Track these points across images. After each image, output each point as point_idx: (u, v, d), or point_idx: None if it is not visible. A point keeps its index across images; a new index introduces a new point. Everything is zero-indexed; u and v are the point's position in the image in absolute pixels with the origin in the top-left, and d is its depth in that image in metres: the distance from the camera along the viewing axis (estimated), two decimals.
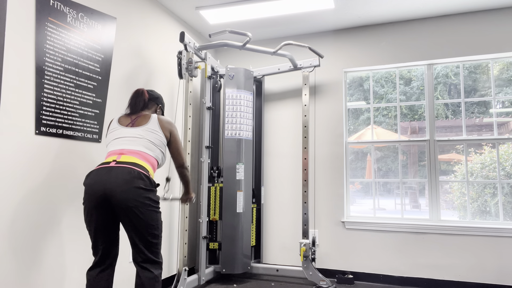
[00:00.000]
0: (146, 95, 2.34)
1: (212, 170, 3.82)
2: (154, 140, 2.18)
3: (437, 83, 3.73)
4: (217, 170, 3.84)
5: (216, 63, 3.84)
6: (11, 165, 2.03)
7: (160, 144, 2.21)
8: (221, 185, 3.71)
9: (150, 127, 2.20)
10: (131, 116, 2.26)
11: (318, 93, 4.00)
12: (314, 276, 3.38)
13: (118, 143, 2.13)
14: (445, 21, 3.63)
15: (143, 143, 2.14)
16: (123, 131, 2.17)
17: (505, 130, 3.52)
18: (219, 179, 3.83)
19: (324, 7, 3.44)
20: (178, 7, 3.52)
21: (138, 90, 2.33)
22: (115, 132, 2.19)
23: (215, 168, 3.84)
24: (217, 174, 3.83)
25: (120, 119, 2.26)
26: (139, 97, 2.30)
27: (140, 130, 2.17)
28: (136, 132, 2.16)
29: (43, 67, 2.20)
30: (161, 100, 2.48)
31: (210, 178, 3.81)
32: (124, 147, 2.10)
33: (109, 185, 1.93)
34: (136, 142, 2.13)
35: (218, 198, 3.71)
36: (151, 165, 2.15)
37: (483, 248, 3.32)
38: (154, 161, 2.18)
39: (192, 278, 3.24)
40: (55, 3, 2.29)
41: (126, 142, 2.12)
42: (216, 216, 3.70)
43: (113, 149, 2.12)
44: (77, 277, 2.46)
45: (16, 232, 2.05)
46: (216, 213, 3.70)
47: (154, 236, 2.02)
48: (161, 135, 2.22)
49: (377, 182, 3.86)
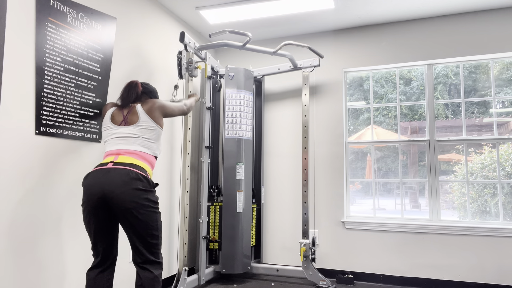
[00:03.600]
0: (140, 88, 2.28)
1: (212, 189, 3.80)
2: (151, 137, 2.16)
3: (437, 83, 3.73)
4: (216, 189, 3.82)
5: (216, 63, 3.84)
6: (11, 165, 2.03)
7: (156, 138, 2.19)
8: (220, 204, 3.70)
9: (143, 124, 2.15)
10: (122, 111, 2.21)
11: (318, 93, 4.00)
12: (314, 276, 3.38)
13: (115, 143, 2.12)
14: (445, 21, 3.63)
15: (140, 142, 2.12)
16: (118, 131, 2.15)
17: (505, 130, 3.52)
18: (219, 198, 3.81)
19: (324, 7, 3.44)
20: (178, 7, 3.52)
21: (132, 82, 2.27)
22: (110, 130, 2.17)
23: (214, 187, 3.82)
24: (217, 193, 3.82)
25: (113, 115, 2.21)
26: (132, 89, 2.24)
27: (135, 129, 2.14)
28: (131, 131, 2.13)
29: (43, 67, 2.20)
30: (155, 94, 2.44)
31: (210, 197, 3.79)
32: (121, 147, 2.09)
33: (108, 186, 1.93)
34: (132, 141, 2.11)
35: (217, 217, 3.70)
36: (149, 163, 2.14)
37: (483, 248, 3.32)
38: (152, 158, 2.17)
39: (192, 278, 3.24)
40: (55, 3, 2.29)
41: (123, 141, 2.11)
42: (216, 236, 3.68)
43: (110, 149, 2.11)
44: (76, 277, 2.46)
45: (16, 232, 2.05)
46: (216, 232, 3.69)
47: (153, 237, 2.02)
48: (156, 127, 2.18)
49: (377, 182, 3.86)
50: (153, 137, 2.18)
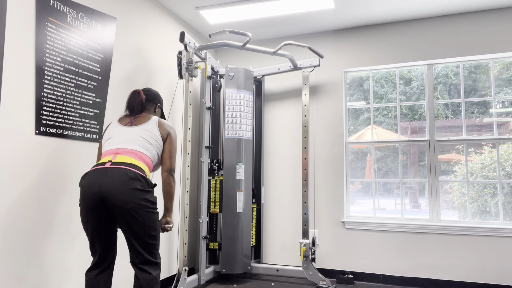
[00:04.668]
0: (143, 96, 2.29)
1: (212, 163, 3.83)
2: (150, 140, 2.14)
3: (437, 83, 3.73)
4: (217, 163, 3.84)
5: (216, 63, 3.84)
6: (11, 165, 2.03)
7: (155, 144, 2.16)
8: (221, 178, 3.71)
9: (148, 127, 2.17)
10: (130, 117, 2.25)
11: (318, 93, 4.00)
12: (314, 276, 3.38)
13: (114, 142, 2.11)
14: (445, 21, 3.63)
15: (140, 142, 2.11)
16: (120, 130, 2.15)
17: (505, 130, 3.52)
18: (219, 172, 3.83)
19: (324, 7, 3.44)
20: (178, 7, 3.52)
21: (134, 92, 2.28)
22: (112, 130, 2.17)
23: (215, 161, 3.84)
24: (217, 167, 3.84)
25: (120, 119, 2.25)
26: (136, 99, 2.27)
27: (138, 129, 2.15)
28: (133, 131, 2.14)
29: (43, 67, 2.20)
30: (159, 98, 2.46)
31: (210, 171, 3.80)
32: (120, 147, 2.08)
33: (105, 186, 1.92)
34: (132, 141, 2.10)
35: (218, 191, 3.71)
36: (147, 165, 2.11)
37: (483, 248, 3.32)
38: (150, 161, 2.14)
39: (192, 278, 3.24)
40: (55, 3, 2.29)
41: (122, 141, 2.10)
42: (216, 209, 3.70)
43: (109, 148, 2.10)
44: (76, 277, 2.46)
45: (15, 232, 2.05)
46: (216, 205, 3.70)
47: (151, 237, 2.01)
48: (157, 134, 2.18)
49: (377, 182, 3.86)
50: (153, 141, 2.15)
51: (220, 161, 3.89)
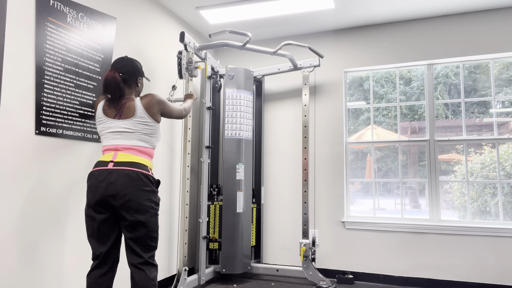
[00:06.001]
0: (118, 79, 2.08)
1: (212, 189, 3.81)
2: (147, 131, 2.11)
3: (437, 83, 3.73)
4: (216, 188, 3.82)
5: (216, 63, 3.84)
6: (11, 165, 2.03)
7: (153, 132, 2.14)
8: (220, 203, 3.71)
9: (139, 119, 2.08)
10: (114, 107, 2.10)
11: (318, 93, 4.00)
12: (314, 276, 3.38)
13: (111, 137, 2.08)
14: (445, 21, 3.63)
15: (136, 136, 2.08)
16: (113, 124, 2.08)
17: (505, 130, 3.52)
18: (219, 197, 3.82)
19: (324, 7, 3.44)
20: (178, 7, 3.52)
21: (108, 76, 2.07)
22: (104, 124, 2.10)
23: (214, 186, 3.83)
24: (217, 192, 3.82)
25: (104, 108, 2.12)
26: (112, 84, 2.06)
27: (130, 124, 2.07)
28: (126, 125, 2.07)
29: (43, 67, 2.20)
30: (138, 70, 2.21)
31: (210, 197, 3.79)
32: (118, 142, 2.06)
33: (109, 190, 1.94)
34: (129, 136, 2.07)
35: (218, 216, 3.70)
36: (149, 156, 2.12)
37: (483, 248, 3.32)
38: (151, 150, 2.16)
39: (192, 278, 3.23)
40: (55, 3, 2.29)
41: (119, 136, 2.07)
42: (216, 235, 3.68)
43: (108, 143, 2.08)
44: (76, 277, 2.46)
45: (15, 232, 2.05)
46: (216, 232, 3.69)
47: (152, 239, 2.02)
48: (152, 123, 2.12)
49: (377, 182, 3.86)
50: (150, 131, 2.12)
51: (220, 186, 3.85)
